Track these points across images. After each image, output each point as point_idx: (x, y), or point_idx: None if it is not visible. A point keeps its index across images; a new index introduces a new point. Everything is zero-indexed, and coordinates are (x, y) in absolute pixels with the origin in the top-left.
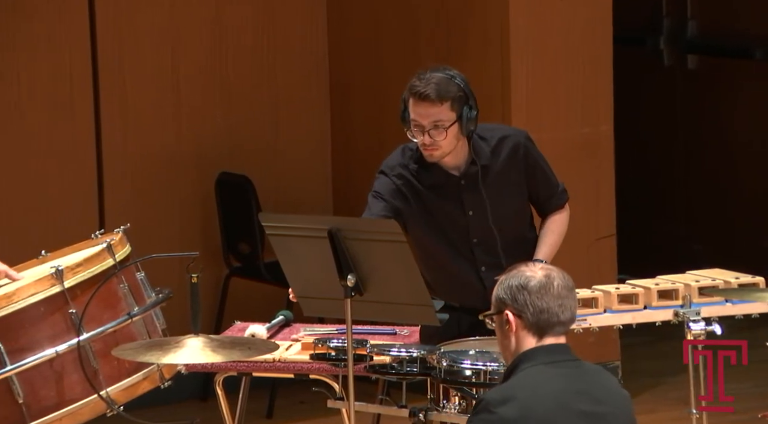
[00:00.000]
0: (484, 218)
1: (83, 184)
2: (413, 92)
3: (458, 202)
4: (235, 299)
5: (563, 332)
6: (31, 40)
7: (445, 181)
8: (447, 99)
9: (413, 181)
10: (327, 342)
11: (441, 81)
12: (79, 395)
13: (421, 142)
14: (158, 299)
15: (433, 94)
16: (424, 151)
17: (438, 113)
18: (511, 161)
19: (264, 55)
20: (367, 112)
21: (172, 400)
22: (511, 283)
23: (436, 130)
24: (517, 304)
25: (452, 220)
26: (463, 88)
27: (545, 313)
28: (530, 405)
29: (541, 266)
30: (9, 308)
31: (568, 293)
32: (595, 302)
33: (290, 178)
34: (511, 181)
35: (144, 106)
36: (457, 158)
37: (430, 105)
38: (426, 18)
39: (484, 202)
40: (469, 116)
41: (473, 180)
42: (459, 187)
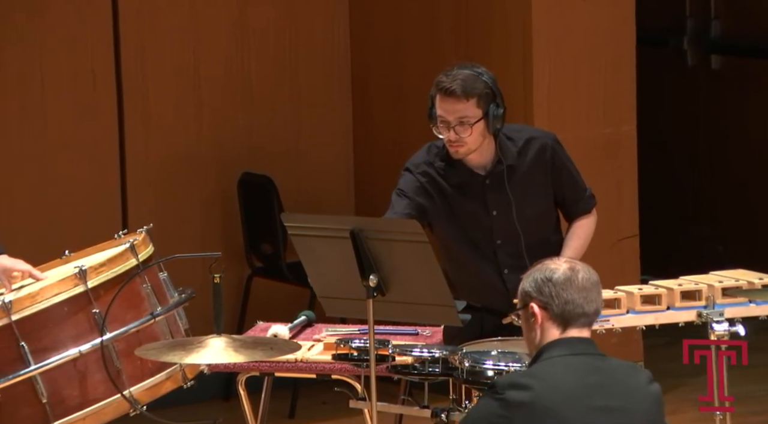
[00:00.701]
0: (508, 218)
1: (106, 184)
2: (440, 88)
3: (482, 202)
4: (257, 299)
5: (587, 325)
6: (54, 42)
7: (469, 179)
8: (473, 95)
9: (438, 179)
10: (349, 342)
11: (468, 77)
12: (103, 394)
13: (447, 138)
14: (181, 299)
15: (459, 90)
16: (449, 148)
17: (463, 109)
18: (538, 163)
19: (286, 55)
20: (389, 112)
21: (195, 400)
22: (536, 276)
23: (461, 126)
24: (542, 296)
25: (476, 220)
26: (490, 85)
27: (570, 304)
28: (541, 394)
29: (565, 260)
30: (33, 308)
31: (593, 286)
32: (618, 303)
33: (312, 179)
34: (536, 183)
35: (166, 107)
36: (482, 157)
37: (456, 101)
38: (447, 18)
39: (508, 202)
40: (495, 114)
41: (498, 180)
42: (483, 187)
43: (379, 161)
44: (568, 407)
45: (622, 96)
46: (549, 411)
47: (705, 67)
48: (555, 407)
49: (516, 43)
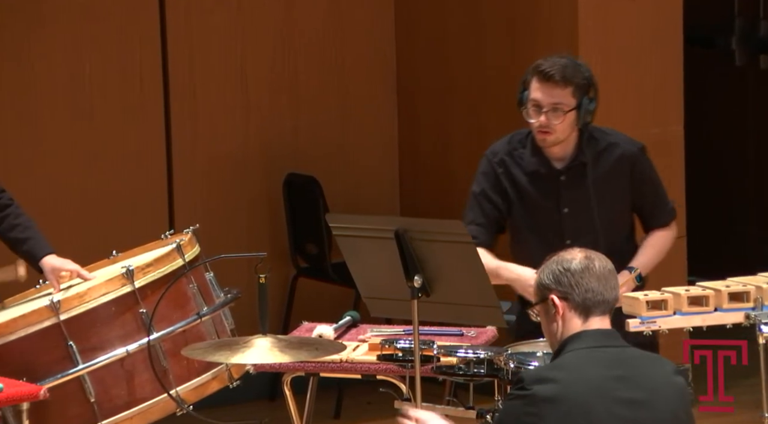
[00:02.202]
0: (579, 218)
1: (153, 185)
2: (538, 71)
3: (554, 197)
4: (302, 300)
5: (608, 311)
6: (102, 42)
7: (546, 171)
8: (571, 84)
9: (514, 168)
10: (394, 343)
11: (568, 65)
12: (150, 394)
13: (537, 123)
14: (227, 299)
15: (558, 76)
16: (537, 135)
17: (559, 96)
18: (617, 168)
19: (332, 57)
20: (434, 113)
21: (241, 400)
22: (552, 268)
23: (554, 113)
24: (561, 286)
25: (546, 215)
26: (588, 77)
27: (590, 292)
28: (567, 388)
29: (579, 250)
30: (81, 308)
31: (610, 274)
32: (665, 304)
33: (357, 179)
34: (612, 187)
35: (213, 108)
36: (564, 150)
37: (554, 86)
38: (493, 21)
39: (581, 201)
40: (588, 108)
41: (574, 177)
42: (558, 182)
43: (424, 162)
44: (594, 400)
45: (669, 96)
46: (576, 404)
47: (753, 67)
48: (581, 401)
49: (562, 44)
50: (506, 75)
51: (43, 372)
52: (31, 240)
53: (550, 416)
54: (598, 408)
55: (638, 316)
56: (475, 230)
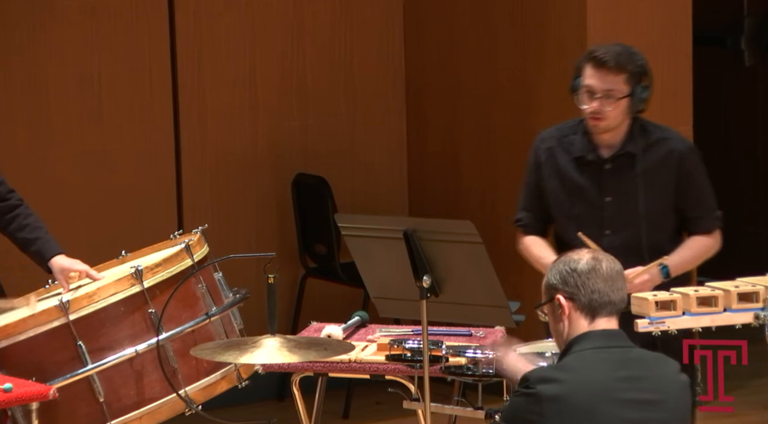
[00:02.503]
0: (621, 208)
1: (162, 185)
2: (592, 57)
3: (597, 185)
4: (311, 300)
5: (615, 313)
6: (111, 43)
7: (592, 158)
8: (624, 71)
9: (560, 155)
10: (402, 343)
11: (622, 52)
12: (159, 394)
13: (589, 108)
14: (235, 300)
15: (612, 62)
16: (589, 121)
17: (613, 82)
18: (664, 164)
19: (341, 57)
20: (442, 114)
21: (250, 400)
22: (560, 268)
23: (606, 99)
24: (568, 287)
25: (587, 203)
26: (642, 65)
27: (596, 293)
28: (572, 388)
29: (587, 250)
30: (90, 308)
31: (617, 275)
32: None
33: (366, 180)
34: (658, 182)
35: (222, 108)
36: (614, 138)
37: (607, 72)
38: (502, 21)
39: (624, 191)
40: (641, 96)
41: (619, 166)
42: (602, 170)
43: (433, 162)
44: (598, 402)
45: (678, 96)
46: (580, 405)
47: (763, 67)
48: (586, 401)
49: (572, 45)
50: (515, 75)
51: (53, 372)
52: (40, 240)
53: (554, 416)
54: (603, 409)
55: (647, 316)
56: (527, 217)
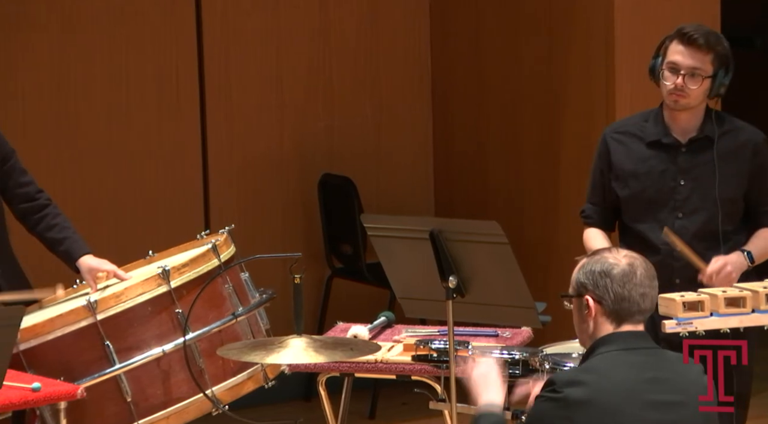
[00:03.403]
0: (695, 191)
1: (189, 185)
2: (682, 33)
3: (672, 167)
4: (337, 300)
5: (642, 321)
6: (138, 43)
7: (668, 141)
8: (713, 50)
9: (632, 142)
10: (429, 344)
11: (712, 32)
12: (186, 393)
13: (673, 84)
14: (262, 300)
15: (702, 40)
16: (669, 97)
17: (700, 60)
18: (739, 152)
19: (367, 57)
20: (468, 114)
21: (276, 400)
22: (593, 268)
23: (691, 78)
24: (598, 290)
25: (661, 186)
26: (729, 50)
27: (626, 302)
28: (598, 391)
29: (625, 254)
30: (117, 308)
31: (650, 282)
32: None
33: (392, 180)
34: (731, 169)
35: (249, 109)
36: (689, 122)
37: (696, 50)
38: (529, 22)
39: (698, 175)
40: (723, 81)
41: (696, 150)
42: (678, 153)
43: (459, 162)
44: (624, 404)
45: None
46: (607, 408)
47: None
48: (612, 404)
49: (599, 45)
50: (542, 75)
51: (81, 371)
52: (68, 240)
53: (582, 420)
54: (629, 412)
55: (674, 317)
56: (590, 209)
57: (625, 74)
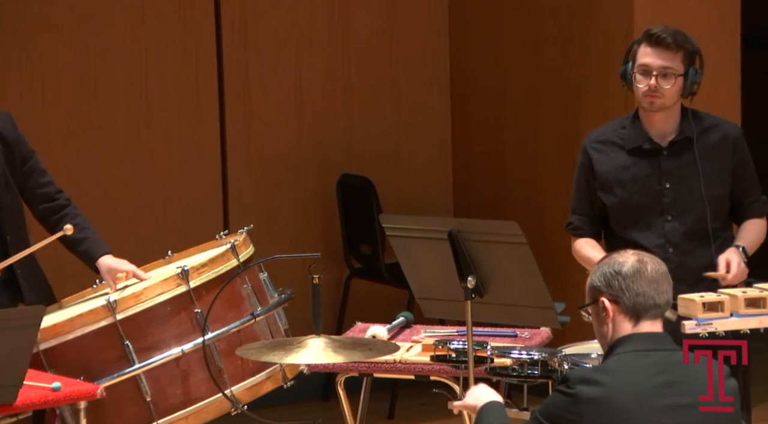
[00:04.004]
0: (681, 192)
1: (208, 185)
2: (650, 35)
3: (656, 171)
4: (356, 300)
5: (659, 316)
6: (157, 44)
7: (649, 147)
8: (682, 49)
9: (612, 150)
10: (447, 344)
11: (679, 31)
12: (205, 393)
13: (646, 86)
14: (280, 300)
15: (670, 39)
16: (644, 100)
17: (670, 59)
18: (720, 148)
19: (386, 58)
20: (488, 116)
21: (295, 400)
22: (604, 270)
23: (664, 78)
24: (612, 290)
25: (646, 191)
26: (696, 47)
27: (641, 296)
28: (611, 391)
29: (632, 252)
30: (137, 308)
31: (662, 277)
32: (722, 306)
33: (411, 180)
34: (715, 167)
35: (267, 109)
36: (667, 123)
37: (665, 49)
38: (548, 23)
39: (683, 176)
40: (694, 78)
41: (677, 151)
42: (660, 157)
43: (477, 162)
44: (637, 406)
45: (726, 98)
46: (619, 409)
47: None
48: (623, 407)
49: (618, 45)
50: (561, 76)
51: (100, 371)
52: (87, 240)
53: (591, 418)
54: (640, 415)
55: (694, 318)
56: (578, 220)
57: None
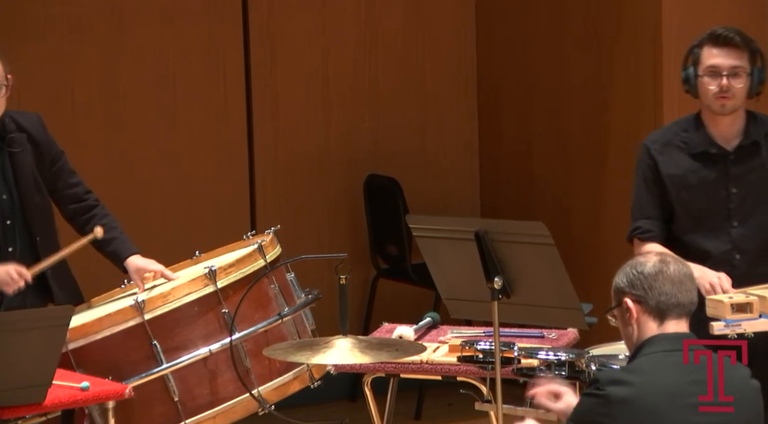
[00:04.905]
0: (747, 198)
1: (235, 185)
2: (715, 36)
3: (723, 177)
4: (382, 301)
5: (684, 315)
6: (186, 45)
7: (716, 151)
8: (748, 47)
9: (676, 153)
10: (474, 344)
11: (742, 31)
12: (232, 393)
13: (717, 87)
14: (308, 300)
15: (738, 38)
16: (715, 102)
17: (739, 58)
18: None
19: (413, 58)
20: (515, 116)
21: (322, 400)
22: (627, 271)
23: (735, 78)
24: (635, 290)
25: (712, 196)
26: (759, 47)
27: (663, 296)
28: (641, 391)
29: (655, 253)
30: (164, 308)
31: (685, 277)
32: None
33: (438, 181)
34: None
35: (295, 109)
36: (732, 127)
37: (734, 48)
38: (576, 23)
39: (750, 181)
40: (760, 77)
41: (744, 156)
42: (727, 161)
43: (504, 163)
44: (667, 406)
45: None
46: (649, 409)
47: None
48: (655, 406)
49: (646, 44)
50: (590, 77)
51: (128, 371)
52: (116, 241)
53: (622, 419)
54: (672, 414)
55: (723, 319)
56: (648, 224)
57: (673, 76)
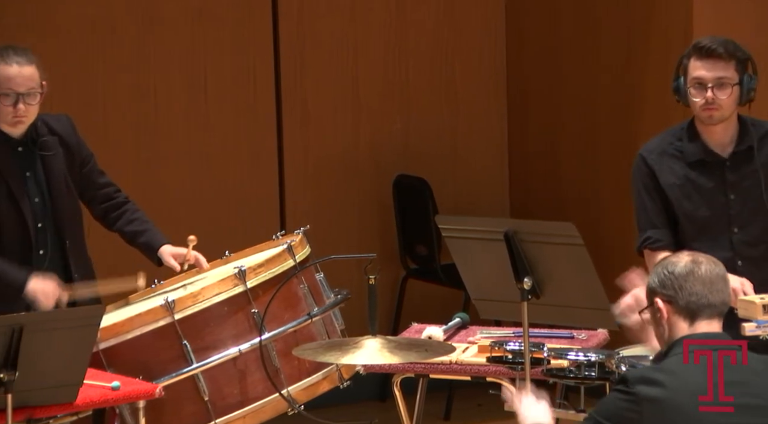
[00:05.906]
0: (746, 203)
1: (265, 186)
2: (699, 47)
3: (720, 182)
4: (412, 301)
5: (716, 316)
6: (216, 45)
7: (711, 159)
8: (733, 58)
9: (673, 162)
10: (504, 345)
11: (728, 40)
12: (262, 393)
13: (702, 99)
14: (337, 300)
15: (721, 49)
16: (702, 113)
17: (724, 69)
18: None
19: (443, 59)
20: (545, 117)
21: (351, 400)
22: (659, 271)
23: (720, 89)
24: (665, 290)
25: (711, 203)
26: (748, 54)
27: (694, 296)
28: (671, 391)
29: (688, 253)
30: (194, 307)
31: (717, 278)
32: None
33: (467, 182)
34: None
35: (324, 110)
36: (725, 134)
37: (717, 60)
38: (606, 25)
39: (747, 186)
40: (749, 85)
41: (740, 161)
42: (723, 167)
43: (534, 164)
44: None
45: None
46: (679, 409)
47: None
48: (684, 405)
49: (676, 45)
50: (620, 78)
51: (159, 370)
52: (149, 232)
53: (652, 418)
54: (701, 416)
55: (754, 319)
56: (657, 233)
57: None
